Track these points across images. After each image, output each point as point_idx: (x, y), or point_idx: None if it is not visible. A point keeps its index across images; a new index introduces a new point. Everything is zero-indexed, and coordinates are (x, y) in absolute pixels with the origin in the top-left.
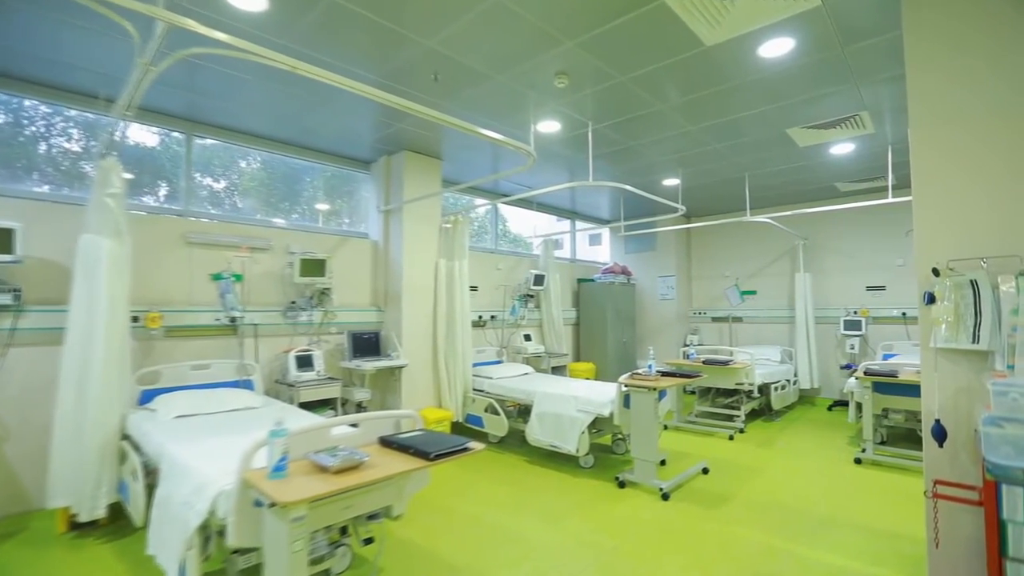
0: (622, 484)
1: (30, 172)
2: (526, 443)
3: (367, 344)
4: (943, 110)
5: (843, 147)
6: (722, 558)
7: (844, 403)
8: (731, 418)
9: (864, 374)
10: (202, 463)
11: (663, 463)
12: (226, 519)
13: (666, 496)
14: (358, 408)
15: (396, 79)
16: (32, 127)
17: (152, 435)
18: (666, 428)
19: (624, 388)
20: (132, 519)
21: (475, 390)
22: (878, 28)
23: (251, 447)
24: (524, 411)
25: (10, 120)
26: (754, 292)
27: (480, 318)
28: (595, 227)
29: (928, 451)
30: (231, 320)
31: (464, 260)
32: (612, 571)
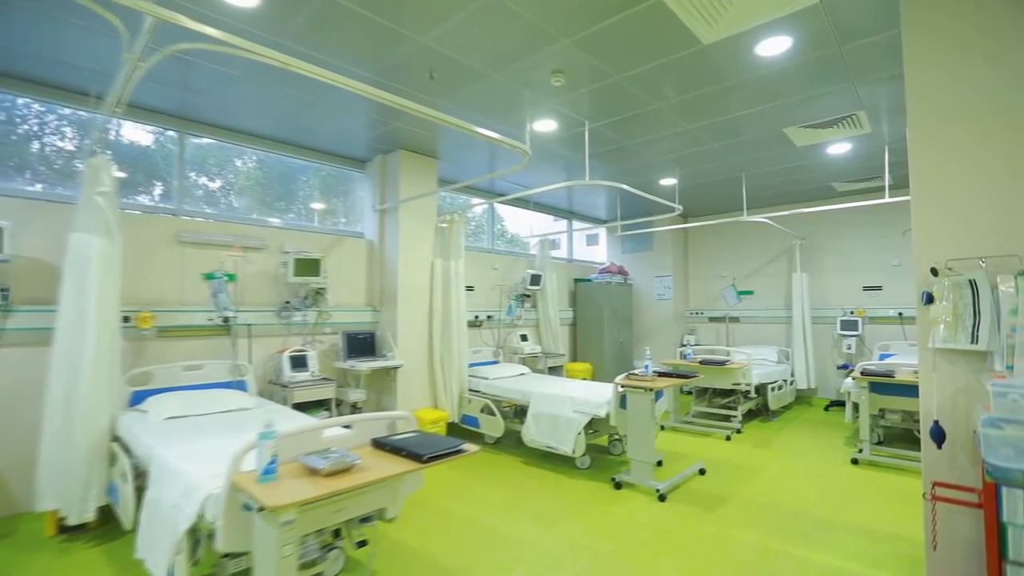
0: (618, 485)
1: (20, 170)
2: (522, 444)
3: (362, 344)
4: (942, 109)
5: (840, 147)
6: (719, 560)
7: (841, 403)
8: (728, 418)
9: (861, 374)
10: (191, 465)
11: (660, 464)
12: (215, 523)
13: (663, 497)
14: (353, 409)
15: (391, 77)
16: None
17: (142, 437)
18: (663, 428)
19: (620, 389)
20: (121, 522)
21: (471, 391)
22: (875, 27)
23: (240, 449)
24: (520, 412)
25: (1, 118)
26: (751, 292)
27: (476, 318)
28: (592, 227)
29: (926, 452)
30: (224, 320)
31: (460, 260)
32: (608, 575)
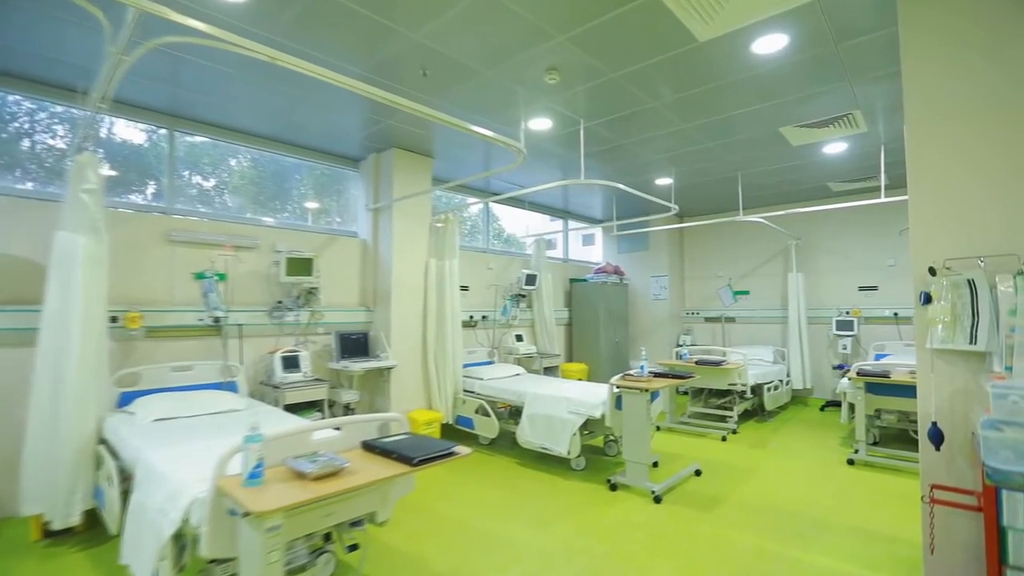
0: (614, 487)
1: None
2: (517, 445)
3: (355, 345)
4: (940, 106)
5: (836, 146)
6: (715, 562)
7: (836, 403)
8: (724, 419)
9: (857, 375)
10: (177, 469)
11: (655, 465)
12: (200, 528)
13: (658, 499)
14: (346, 410)
15: (383, 74)
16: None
17: (129, 439)
18: (658, 429)
19: (616, 389)
20: (107, 527)
21: (465, 391)
22: (872, 25)
23: (226, 453)
24: (515, 412)
25: None
26: (747, 292)
27: (471, 318)
28: (588, 227)
29: (924, 455)
30: (215, 320)
31: (455, 259)
32: None
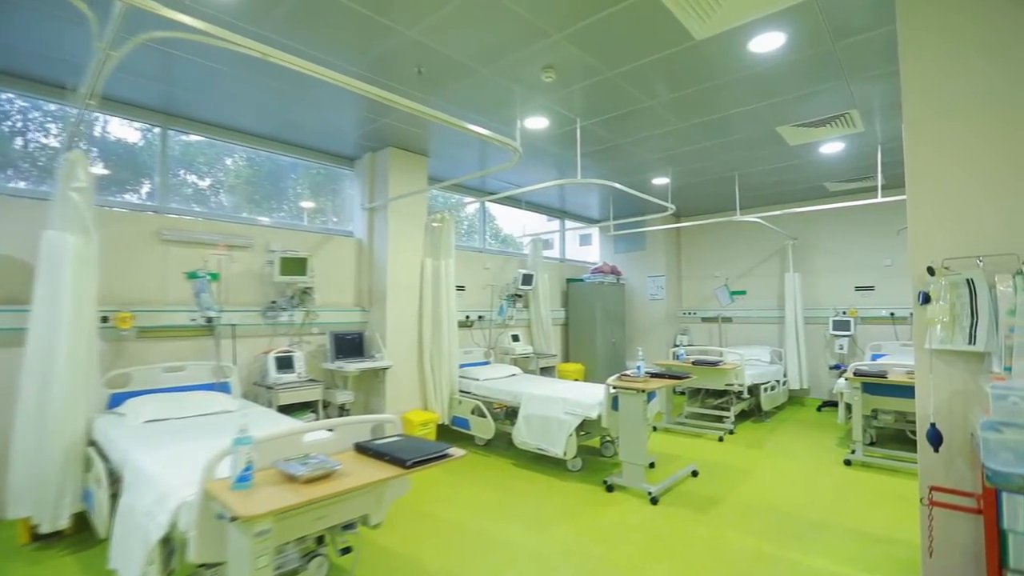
0: (610, 488)
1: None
2: (513, 446)
3: (350, 345)
4: (938, 104)
5: (833, 146)
6: (712, 565)
7: (833, 403)
8: (721, 419)
9: (854, 375)
10: (166, 471)
11: (652, 466)
12: (188, 532)
13: (655, 500)
14: (341, 411)
15: (378, 71)
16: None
17: (118, 441)
18: (655, 429)
19: (612, 390)
20: (96, 530)
21: (461, 392)
22: (869, 23)
23: (215, 455)
24: (511, 413)
25: None
26: (744, 292)
27: (467, 318)
28: (584, 226)
29: (923, 456)
30: (207, 320)
31: (450, 259)
32: None
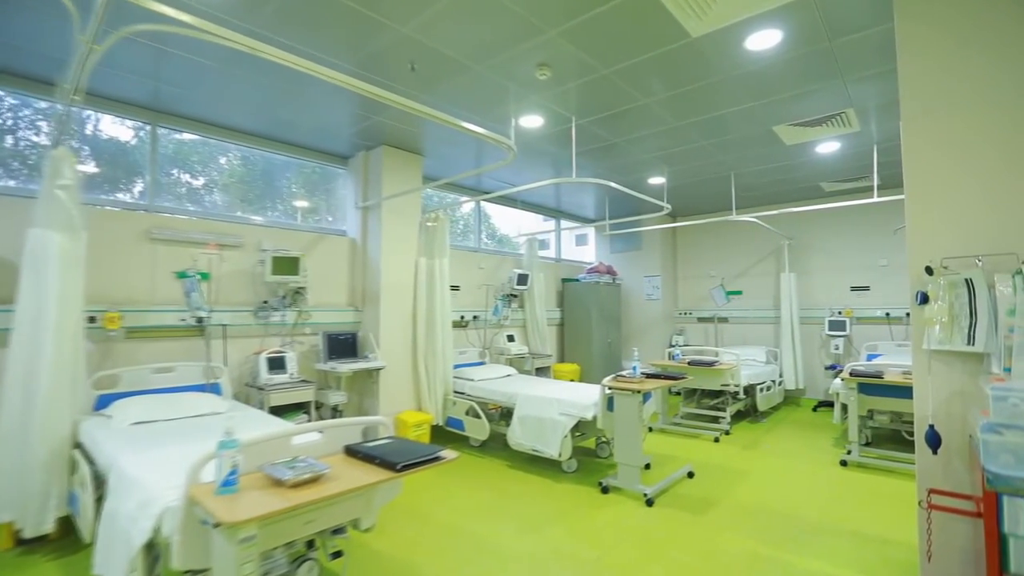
0: (605, 489)
1: None
2: (508, 447)
3: (343, 345)
4: (936, 100)
5: (829, 145)
6: (707, 568)
7: (829, 404)
8: (717, 420)
9: (850, 375)
10: (151, 475)
11: (648, 467)
12: (172, 538)
13: (650, 502)
14: (334, 412)
15: (371, 68)
16: None
17: (104, 443)
18: (651, 430)
19: (608, 391)
20: (81, 534)
21: (456, 392)
22: (866, 21)
23: (199, 459)
24: (506, 414)
25: None
26: (740, 292)
27: (462, 318)
28: (580, 226)
29: (921, 458)
30: (197, 320)
31: (445, 258)
32: None
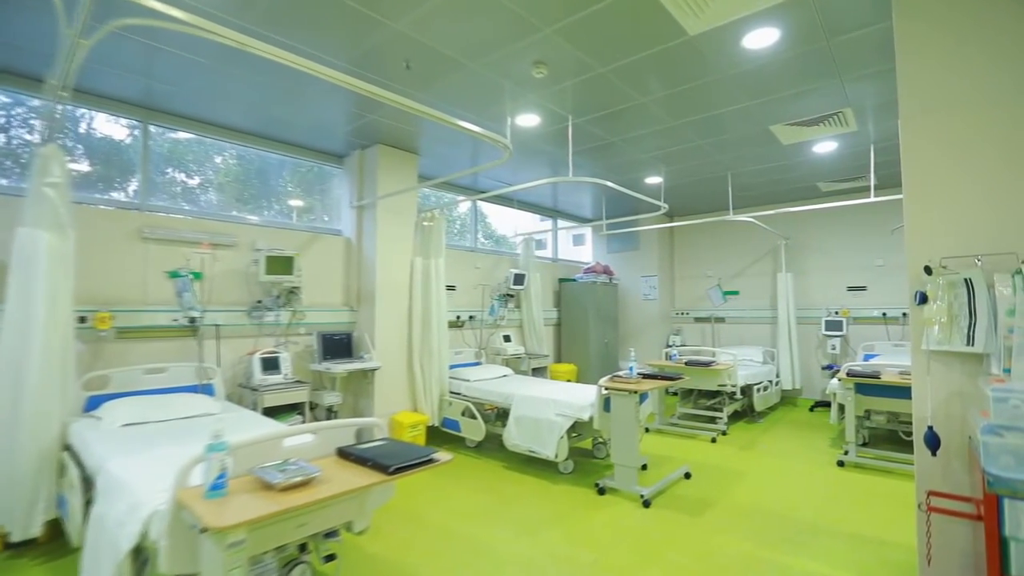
0: (602, 491)
1: None
2: (504, 448)
3: (338, 346)
4: (936, 99)
5: (826, 145)
6: (704, 570)
7: (825, 404)
8: (713, 420)
9: (847, 375)
10: (139, 477)
11: (644, 468)
12: (159, 543)
13: (647, 503)
14: (328, 413)
15: (366, 66)
16: None
17: (92, 445)
18: (648, 431)
19: (604, 391)
20: (69, 538)
21: (452, 393)
22: (864, 20)
23: (187, 462)
24: (502, 414)
25: None
26: (736, 292)
27: (458, 318)
28: (577, 226)
29: (920, 460)
30: (190, 320)
31: (441, 258)
32: None
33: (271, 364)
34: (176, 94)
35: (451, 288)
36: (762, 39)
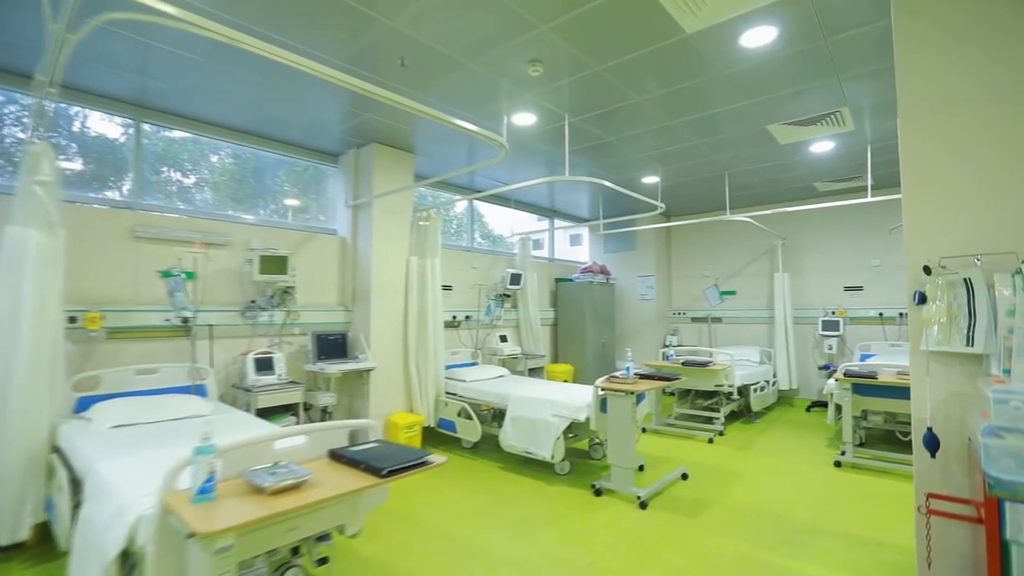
0: (599, 492)
1: None
2: (500, 449)
3: (333, 346)
4: (935, 97)
5: (823, 145)
6: (700, 572)
7: (822, 404)
8: (711, 420)
9: (844, 375)
10: (127, 481)
11: (641, 469)
12: (146, 547)
13: (644, 504)
14: (323, 414)
15: (361, 64)
16: None
17: (81, 447)
18: (644, 431)
19: (601, 392)
20: (58, 542)
21: (448, 393)
22: (862, 18)
23: (175, 466)
24: (499, 415)
25: None
26: (733, 292)
27: (454, 318)
28: (574, 226)
29: (919, 461)
30: (183, 320)
31: (436, 258)
32: None
33: (265, 365)
34: (170, 92)
35: (447, 288)
36: (759, 37)
